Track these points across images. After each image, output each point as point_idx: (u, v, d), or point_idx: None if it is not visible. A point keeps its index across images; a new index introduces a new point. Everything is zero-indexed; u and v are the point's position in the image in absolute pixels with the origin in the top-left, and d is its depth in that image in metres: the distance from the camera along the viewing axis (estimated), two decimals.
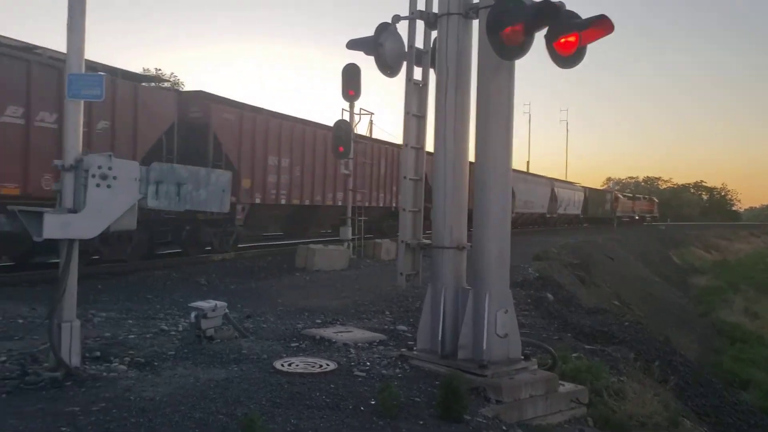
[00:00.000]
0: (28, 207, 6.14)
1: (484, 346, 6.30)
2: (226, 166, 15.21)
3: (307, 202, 19.92)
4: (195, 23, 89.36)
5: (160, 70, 42.66)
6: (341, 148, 17.01)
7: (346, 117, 18.02)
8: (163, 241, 16.39)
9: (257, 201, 17.78)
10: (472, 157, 6.70)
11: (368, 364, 6.67)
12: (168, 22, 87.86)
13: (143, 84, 15.33)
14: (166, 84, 23.89)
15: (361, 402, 5.48)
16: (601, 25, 5.52)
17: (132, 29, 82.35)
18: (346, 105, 18.04)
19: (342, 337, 7.77)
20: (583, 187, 55.79)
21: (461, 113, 6.66)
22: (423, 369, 6.54)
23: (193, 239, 16.66)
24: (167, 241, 16.57)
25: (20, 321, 8.22)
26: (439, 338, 6.60)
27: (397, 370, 6.52)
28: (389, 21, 6.81)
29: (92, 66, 12.08)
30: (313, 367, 6.44)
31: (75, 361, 5.87)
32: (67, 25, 5.89)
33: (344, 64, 16.93)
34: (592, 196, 56.22)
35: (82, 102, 6.00)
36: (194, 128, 15.92)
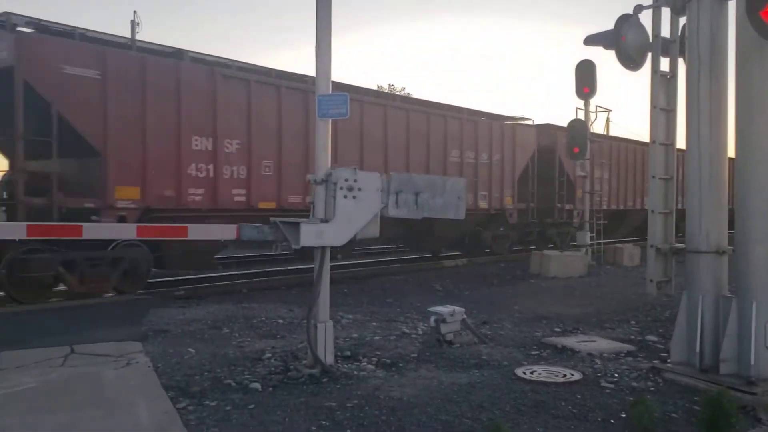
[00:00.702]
0: (285, 218, 6.73)
1: (752, 361, 5.65)
2: (567, 182, 20.75)
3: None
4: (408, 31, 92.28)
5: (392, 85, 44.85)
6: (576, 149, 16.41)
7: (581, 116, 17.36)
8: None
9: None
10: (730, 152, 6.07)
11: (616, 375, 6.31)
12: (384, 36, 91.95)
13: (517, 123, 19.95)
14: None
15: (610, 414, 5.19)
16: None
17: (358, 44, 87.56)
18: (580, 104, 17.44)
19: (586, 346, 7.45)
20: None
21: (717, 103, 6.05)
22: (678, 383, 6.02)
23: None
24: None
25: (280, 321, 9.04)
26: (697, 350, 6.05)
27: (649, 383, 6.08)
28: (630, 12, 6.43)
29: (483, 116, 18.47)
30: (556, 376, 6.24)
31: (329, 359, 6.31)
32: (316, 49, 6.37)
33: (578, 61, 16.44)
34: None
35: (329, 121, 6.45)
36: (544, 153, 20.42)
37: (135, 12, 11.98)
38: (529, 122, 20.57)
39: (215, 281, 13.31)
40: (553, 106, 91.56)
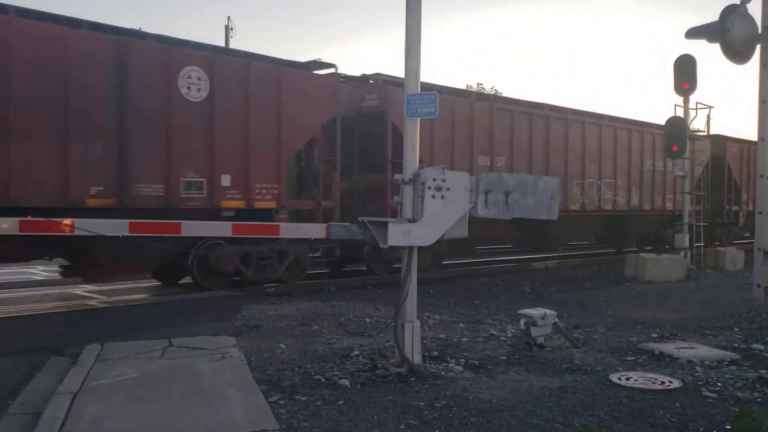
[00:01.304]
0: (375, 218, 6.77)
1: None
2: (735, 187, 22.89)
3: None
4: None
5: (481, 84, 44.46)
6: (675, 148, 15.70)
7: (680, 113, 16.60)
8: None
9: None
10: None
11: (719, 384, 5.98)
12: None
13: (694, 134, 19.57)
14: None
15: (713, 425, 4.93)
16: None
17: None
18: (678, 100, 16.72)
19: (685, 353, 7.11)
20: None
21: None
22: None
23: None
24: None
25: (367, 320, 9.11)
26: None
27: (756, 394, 5.73)
28: (736, 2, 6.09)
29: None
30: (653, 383, 5.99)
31: (417, 358, 6.30)
32: (405, 49, 6.38)
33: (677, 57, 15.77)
34: None
35: (418, 121, 6.44)
36: (715, 160, 21.65)
37: (228, 17, 12.46)
38: (702, 133, 20.96)
39: (304, 279, 13.55)
40: (645, 102, 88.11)
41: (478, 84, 44.28)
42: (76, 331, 8.22)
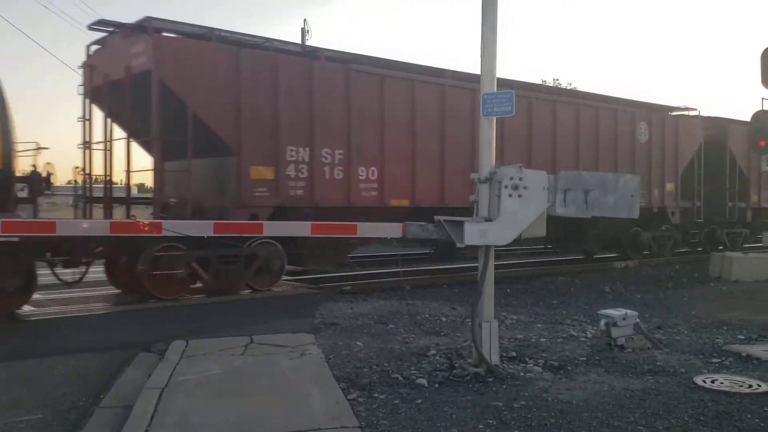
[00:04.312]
0: (450, 217, 6.78)
1: None
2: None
3: None
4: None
5: (557, 80, 43.59)
6: (762, 143, 15.02)
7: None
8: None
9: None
10: None
11: None
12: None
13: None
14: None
15: None
16: None
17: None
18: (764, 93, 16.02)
19: None
20: None
21: None
22: None
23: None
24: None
25: (443, 319, 9.14)
26: None
27: None
28: None
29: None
30: (740, 386, 5.78)
31: (494, 359, 6.29)
32: (481, 49, 6.38)
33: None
34: None
35: (494, 119, 6.42)
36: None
37: (305, 20, 12.84)
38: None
39: (380, 278, 13.70)
40: (723, 95, 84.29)
41: (554, 80, 43.37)
42: (154, 328, 8.55)
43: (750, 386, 5.79)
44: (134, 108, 11.00)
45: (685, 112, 19.25)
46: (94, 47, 12.33)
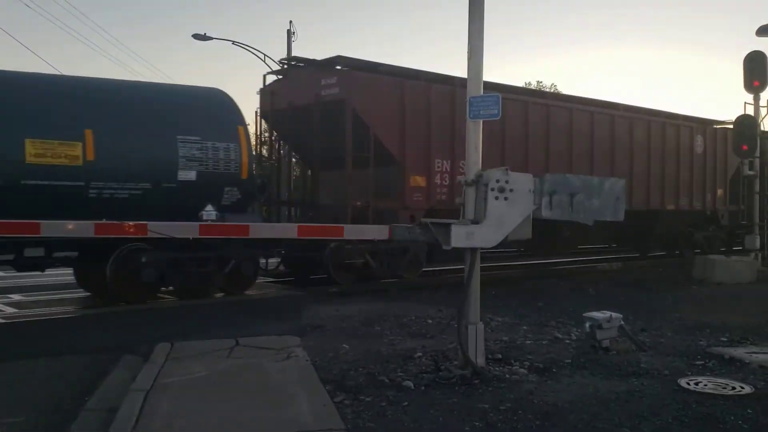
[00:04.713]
0: (438, 220, 6.79)
1: None
2: None
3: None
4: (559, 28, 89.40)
5: (541, 82, 43.90)
6: (744, 147, 15.20)
7: (750, 111, 16.06)
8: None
9: None
10: None
11: None
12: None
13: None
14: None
15: None
16: None
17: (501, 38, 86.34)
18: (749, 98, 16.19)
19: (757, 358, 6.90)
20: None
21: None
22: None
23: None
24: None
25: (429, 321, 9.15)
26: None
27: None
28: None
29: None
30: (724, 388, 5.84)
31: (480, 361, 6.31)
32: (468, 51, 6.40)
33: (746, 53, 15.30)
34: None
35: (480, 122, 6.44)
36: None
37: (291, 21, 13.34)
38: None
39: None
40: (713, 100, 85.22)
41: (537, 82, 43.67)
42: (142, 330, 8.49)
43: (733, 388, 5.85)
44: (322, 130, 13.01)
45: (729, 126, 20.08)
46: (272, 77, 14.70)
